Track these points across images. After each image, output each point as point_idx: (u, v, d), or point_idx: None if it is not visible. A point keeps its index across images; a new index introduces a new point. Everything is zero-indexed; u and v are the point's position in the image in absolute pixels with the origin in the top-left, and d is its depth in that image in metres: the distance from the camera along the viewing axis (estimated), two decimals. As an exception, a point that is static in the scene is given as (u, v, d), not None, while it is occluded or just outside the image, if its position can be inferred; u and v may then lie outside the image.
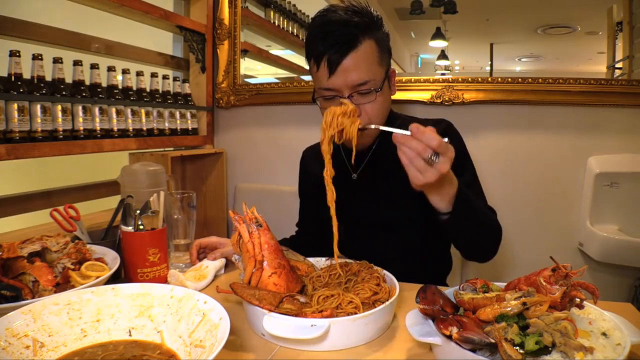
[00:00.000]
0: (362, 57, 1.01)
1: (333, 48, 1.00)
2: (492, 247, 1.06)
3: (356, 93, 1.02)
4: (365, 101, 1.03)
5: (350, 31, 1.00)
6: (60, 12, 1.69)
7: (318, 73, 1.04)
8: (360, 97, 1.03)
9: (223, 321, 0.64)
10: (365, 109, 1.04)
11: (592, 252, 1.58)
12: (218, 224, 2.06)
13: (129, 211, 1.01)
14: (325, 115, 0.98)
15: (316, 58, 1.03)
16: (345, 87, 1.02)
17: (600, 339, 0.64)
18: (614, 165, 1.58)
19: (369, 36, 1.02)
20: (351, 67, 1.00)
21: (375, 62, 1.04)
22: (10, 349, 0.62)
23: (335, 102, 1.03)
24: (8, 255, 0.85)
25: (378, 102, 1.04)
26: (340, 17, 1.02)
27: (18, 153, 1.18)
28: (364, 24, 1.02)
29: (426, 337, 0.66)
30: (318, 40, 1.02)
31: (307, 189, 1.36)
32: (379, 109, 1.06)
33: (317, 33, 1.03)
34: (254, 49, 2.17)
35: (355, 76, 1.01)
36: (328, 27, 1.02)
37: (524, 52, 1.85)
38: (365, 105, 1.04)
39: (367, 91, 1.02)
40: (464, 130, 1.16)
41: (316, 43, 1.02)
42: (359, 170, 1.18)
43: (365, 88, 1.02)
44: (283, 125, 1.99)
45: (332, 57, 1.00)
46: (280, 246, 0.89)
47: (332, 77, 1.01)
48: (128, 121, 1.54)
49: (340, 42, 1.00)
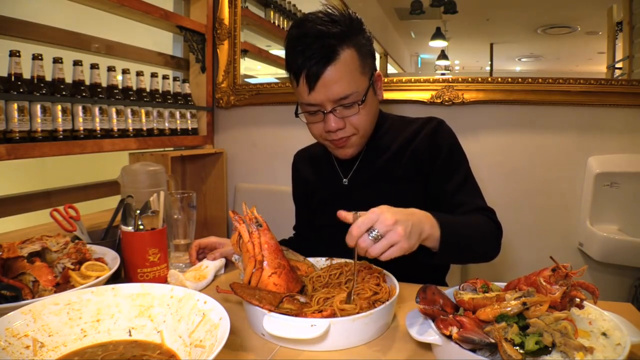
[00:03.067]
0: (343, 69, 0.97)
1: (311, 61, 0.96)
2: (490, 251, 1.02)
3: (339, 106, 1.00)
4: (349, 114, 1.01)
5: (328, 43, 0.96)
6: (60, 12, 1.69)
7: (298, 88, 1.01)
8: (344, 109, 1.00)
9: (223, 321, 0.64)
10: (350, 121, 1.02)
11: (592, 252, 1.58)
12: (218, 224, 2.06)
13: (129, 211, 1.01)
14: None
15: (295, 73, 1.00)
16: (327, 101, 0.99)
17: (600, 339, 0.64)
18: (614, 165, 1.58)
19: (347, 45, 0.97)
20: (331, 80, 0.96)
21: (356, 71, 1.00)
22: (10, 349, 0.61)
23: (319, 118, 1.02)
24: (8, 255, 0.85)
25: (362, 113, 1.02)
26: (316, 29, 0.97)
27: (18, 153, 1.18)
28: (341, 33, 0.97)
29: (426, 337, 0.66)
30: (295, 54, 0.98)
31: (299, 194, 1.34)
32: (365, 120, 1.04)
33: (294, 47, 0.99)
34: (254, 49, 2.17)
35: (337, 89, 0.97)
36: (304, 40, 0.97)
37: (524, 52, 1.85)
38: (350, 117, 1.02)
39: (351, 104, 1.00)
40: (464, 131, 1.16)
41: (294, 57, 0.98)
42: (349, 175, 1.16)
43: (348, 101, 0.99)
44: (283, 125, 1.99)
45: (310, 71, 0.96)
46: (280, 246, 0.89)
47: (312, 92, 0.98)
48: (128, 121, 1.54)
49: (318, 55, 0.95)
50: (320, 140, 1.11)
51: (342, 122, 1.02)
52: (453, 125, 1.14)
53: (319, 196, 1.23)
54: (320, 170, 1.24)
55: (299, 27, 1.00)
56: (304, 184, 1.29)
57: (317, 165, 1.26)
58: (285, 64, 1.04)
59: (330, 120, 1.01)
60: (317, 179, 1.25)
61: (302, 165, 1.32)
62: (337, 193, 1.18)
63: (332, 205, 0.95)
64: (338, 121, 1.01)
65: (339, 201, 1.12)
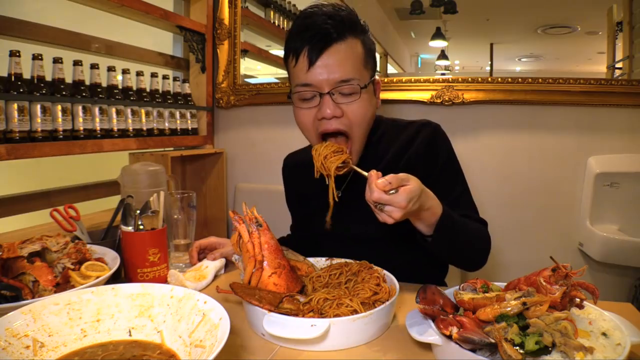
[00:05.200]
0: (348, 51, 0.91)
1: (315, 38, 0.90)
2: (479, 259, 1.02)
3: (337, 92, 0.93)
4: (347, 100, 0.94)
5: (335, 24, 0.91)
6: (60, 12, 1.68)
7: (296, 67, 0.94)
8: (342, 96, 0.94)
9: (223, 321, 0.64)
10: (347, 111, 0.95)
11: (592, 252, 1.58)
12: (218, 224, 2.06)
13: (129, 211, 1.01)
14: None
15: (295, 51, 0.93)
16: (325, 82, 0.92)
17: (600, 339, 0.64)
18: (614, 165, 1.59)
19: (354, 35, 0.94)
20: (335, 60, 0.90)
21: (360, 61, 0.94)
22: (10, 349, 0.62)
23: (314, 102, 0.95)
24: (8, 255, 0.85)
25: (363, 101, 0.95)
26: (326, 10, 0.93)
27: (18, 153, 1.18)
28: (350, 21, 0.94)
29: (426, 337, 0.66)
30: (299, 32, 0.92)
31: (292, 200, 1.30)
32: (364, 112, 0.97)
33: (298, 27, 0.94)
34: (254, 49, 2.17)
35: (339, 71, 0.91)
36: (311, 20, 0.92)
37: (524, 52, 1.85)
38: (349, 104, 0.94)
39: (350, 91, 0.93)
40: (464, 131, 1.16)
41: (296, 36, 0.93)
42: (342, 188, 1.11)
43: (347, 86, 0.92)
44: (283, 125, 1.99)
45: (313, 47, 0.90)
46: (280, 246, 0.89)
47: (311, 69, 0.91)
48: (128, 121, 1.54)
49: (323, 32, 0.90)
50: (309, 134, 1.02)
51: (338, 110, 0.94)
52: (453, 125, 1.14)
53: (310, 206, 1.19)
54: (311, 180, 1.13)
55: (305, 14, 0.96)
56: (295, 190, 1.26)
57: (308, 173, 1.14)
58: (285, 48, 0.98)
59: (326, 104, 0.93)
60: (309, 189, 1.18)
61: (292, 172, 1.28)
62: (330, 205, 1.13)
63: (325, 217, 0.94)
64: (334, 107, 0.93)
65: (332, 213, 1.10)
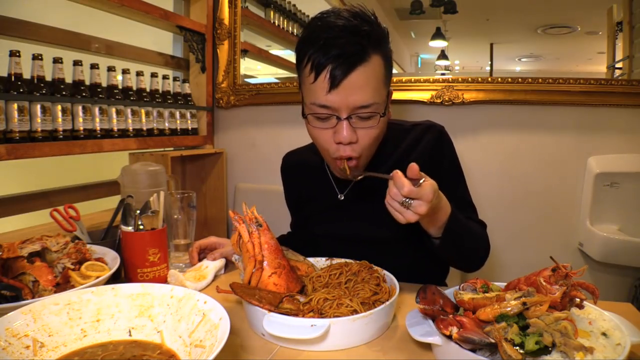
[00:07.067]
0: (371, 74, 0.87)
1: (339, 59, 0.85)
2: (478, 262, 1.03)
3: (355, 116, 0.89)
4: (364, 126, 0.91)
5: (360, 41, 0.86)
6: (60, 12, 1.68)
7: (315, 85, 0.88)
8: (360, 120, 0.90)
9: (223, 321, 0.64)
10: (362, 136, 0.91)
11: (592, 252, 1.58)
12: (218, 224, 2.06)
13: (129, 211, 1.01)
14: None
15: (316, 67, 0.87)
16: (345, 107, 0.88)
17: (600, 339, 0.64)
18: (614, 165, 1.58)
19: (377, 50, 0.88)
20: (357, 85, 0.86)
21: (381, 81, 0.91)
22: (10, 349, 0.62)
23: (330, 124, 0.91)
24: (8, 255, 0.85)
25: (379, 128, 0.92)
26: (348, 22, 0.87)
27: (18, 153, 1.18)
28: (374, 36, 0.88)
29: (426, 337, 0.66)
30: (320, 46, 0.86)
31: (292, 200, 1.29)
32: (377, 136, 0.94)
33: (317, 37, 0.87)
34: (254, 49, 2.17)
35: (360, 97, 0.87)
36: (333, 33, 0.86)
37: (524, 52, 1.85)
38: (364, 130, 0.91)
39: (369, 115, 0.90)
40: (464, 131, 1.16)
41: (317, 49, 0.87)
42: (346, 191, 1.10)
43: (367, 112, 0.89)
44: (283, 125, 1.99)
45: (336, 69, 0.85)
46: (280, 246, 0.89)
47: (332, 92, 0.86)
48: (128, 121, 1.54)
49: (348, 53, 0.85)
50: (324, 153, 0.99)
51: (354, 136, 0.91)
52: (453, 125, 1.14)
53: (312, 208, 1.18)
54: (313, 181, 1.16)
55: (322, 19, 0.90)
56: (296, 191, 1.24)
57: (309, 175, 1.17)
58: (300, 53, 0.92)
59: (343, 129, 0.89)
60: (311, 190, 1.18)
61: (292, 171, 1.25)
62: (332, 207, 1.12)
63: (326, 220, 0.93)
64: (351, 133, 0.90)
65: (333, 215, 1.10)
